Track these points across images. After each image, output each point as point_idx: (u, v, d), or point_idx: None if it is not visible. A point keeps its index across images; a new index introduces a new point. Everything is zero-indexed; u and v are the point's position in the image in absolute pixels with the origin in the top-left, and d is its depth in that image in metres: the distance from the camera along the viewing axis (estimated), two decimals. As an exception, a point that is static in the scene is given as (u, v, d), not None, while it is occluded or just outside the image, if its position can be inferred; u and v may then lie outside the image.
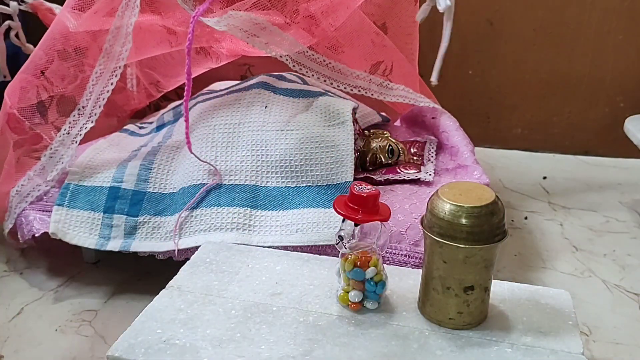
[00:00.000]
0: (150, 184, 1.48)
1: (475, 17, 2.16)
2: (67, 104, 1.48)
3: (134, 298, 1.43)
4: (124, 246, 1.40)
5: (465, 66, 2.23)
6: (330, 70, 1.58)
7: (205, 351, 0.91)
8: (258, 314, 1.00)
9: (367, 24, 1.61)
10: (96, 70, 1.47)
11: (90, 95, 1.47)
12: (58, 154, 1.48)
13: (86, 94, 1.48)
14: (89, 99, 1.47)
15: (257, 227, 1.37)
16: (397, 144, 1.60)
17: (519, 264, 1.58)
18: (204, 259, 1.16)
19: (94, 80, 1.47)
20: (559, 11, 2.12)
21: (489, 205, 0.89)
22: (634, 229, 1.76)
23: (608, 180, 2.08)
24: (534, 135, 2.31)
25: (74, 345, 1.29)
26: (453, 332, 0.95)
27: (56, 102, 1.48)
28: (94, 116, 1.48)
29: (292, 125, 1.47)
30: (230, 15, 1.39)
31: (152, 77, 1.94)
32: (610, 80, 2.17)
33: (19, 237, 1.50)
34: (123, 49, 1.45)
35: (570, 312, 1.00)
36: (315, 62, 1.56)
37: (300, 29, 1.45)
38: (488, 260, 0.92)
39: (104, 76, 1.47)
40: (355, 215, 0.94)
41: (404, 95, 1.69)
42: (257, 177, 1.43)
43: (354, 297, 0.99)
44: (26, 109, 1.47)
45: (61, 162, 1.48)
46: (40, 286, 1.48)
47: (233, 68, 2.21)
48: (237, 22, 1.39)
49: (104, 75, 1.47)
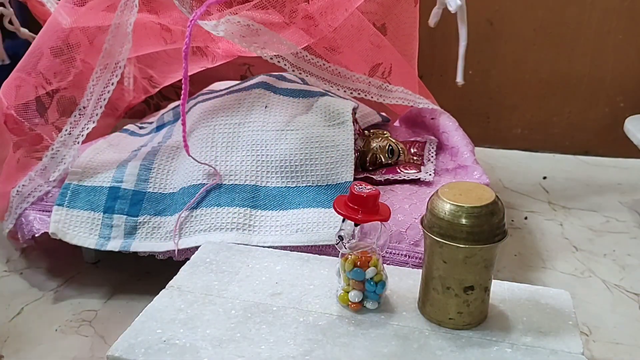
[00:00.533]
0: (150, 184, 1.48)
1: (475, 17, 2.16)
2: (68, 104, 1.48)
3: (134, 298, 1.43)
4: (124, 246, 1.40)
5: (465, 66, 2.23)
6: (329, 74, 1.58)
7: (205, 351, 0.91)
8: (258, 314, 1.00)
9: (366, 25, 1.61)
10: (96, 70, 1.47)
11: (91, 95, 1.47)
12: (60, 155, 1.48)
13: (87, 94, 1.47)
14: (89, 99, 1.47)
15: (257, 227, 1.37)
16: (397, 144, 1.60)
17: (519, 264, 1.58)
18: (204, 259, 1.16)
19: (94, 80, 1.47)
20: (559, 11, 2.12)
21: (489, 205, 0.89)
22: (634, 229, 1.76)
23: (608, 180, 2.08)
24: (534, 135, 2.31)
25: (74, 345, 1.29)
26: (453, 332, 0.95)
27: (56, 102, 1.47)
28: (96, 116, 1.48)
29: (292, 125, 1.47)
30: (228, 20, 1.39)
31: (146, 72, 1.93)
32: (610, 80, 2.17)
33: (19, 238, 1.50)
34: (123, 49, 1.45)
35: (570, 312, 1.00)
36: (315, 66, 1.56)
37: (299, 29, 1.45)
38: (488, 260, 0.92)
39: (105, 76, 1.47)
40: (355, 215, 0.94)
41: (403, 97, 1.69)
42: (257, 177, 1.43)
43: (354, 297, 0.99)
44: (25, 109, 1.47)
45: (63, 163, 1.48)
46: (40, 286, 1.48)
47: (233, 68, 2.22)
48: (234, 27, 1.39)
49: (104, 75, 1.47)
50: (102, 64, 1.46)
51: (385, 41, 1.66)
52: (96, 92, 1.47)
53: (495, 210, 0.90)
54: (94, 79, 1.47)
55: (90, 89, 1.47)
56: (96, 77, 1.47)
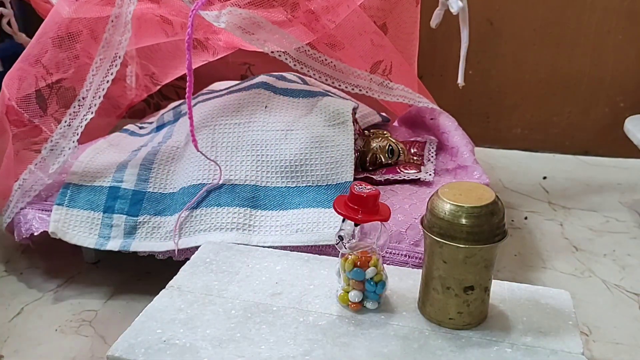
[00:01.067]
0: (150, 183, 1.48)
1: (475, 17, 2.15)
2: (67, 95, 1.47)
3: (134, 298, 1.43)
4: (124, 246, 1.40)
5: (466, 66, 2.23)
6: (331, 69, 1.58)
7: (205, 351, 0.91)
8: (258, 314, 1.00)
9: (367, 23, 1.61)
10: (96, 60, 1.45)
11: (90, 85, 1.46)
12: (59, 147, 1.47)
13: (86, 85, 1.46)
14: (88, 89, 1.45)
15: (257, 227, 1.37)
16: (397, 144, 1.60)
17: (519, 264, 1.58)
18: (204, 259, 1.16)
19: (94, 70, 1.45)
20: (559, 11, 2.12)
21: (489, 205, 0.89)
22: (634, 229, 1.76)
23: (608, 180, 2.08)
24: (534, 135, 2.31)
25: (74, 345, 1.29)
26: (453, 332, 0.95)
27: (56, 93, 1.47)
28: (94, 107, 1.46)
29: (292, 125, 1.47)
30: (230, 11, 1.38)
31: (148, 68, 1.92)
32: (610, 80, 2.17)
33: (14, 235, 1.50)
34: (122, 38, 1.44)
35: (570, 312, 1.00)
36: (317, 61, 1.56)
37: (301, 25, 1.44)
38: (488, 260, 0.92)
39: (104, 66, 1.45)
40: (355, 215, 0.94)
41: (404, 95, 1.69)
42: (257, 177, 1.43)
43: (354, 297, 0.99)
44: (25, 100, 1.45)
45: (63, 155, 1.46)
46: (40, 286, 1.48)
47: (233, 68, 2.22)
48: (236, 19, 1.39)
49: (103, 65, 1.45)
50: (102, 53, 1.45)
51: (387, 40, 1.66)
52: (95, 82, 1.46)
53: (495, 210, 0.90)
54: (94, 69, 1.45)
55: (90, 79, 1.45)
56: (96, 67, 1.45)
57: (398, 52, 1.70)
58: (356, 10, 1.53)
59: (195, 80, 1.40)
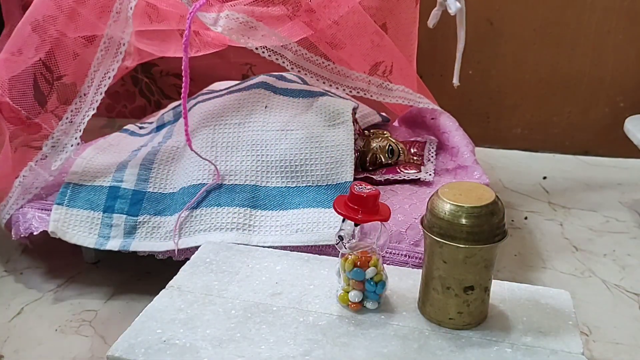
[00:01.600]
0: (150, 183, 1.48)
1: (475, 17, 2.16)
2: (68, 92, 1.46)
3: (134, 298, 1.43)
4: (124, 246, 1.40)
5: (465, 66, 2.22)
6: (329, 72, 1.57)
7: (205, 351, 0.91)
8: (258, 314, 1.00)
9: (367, 22, 1.60)
10: (97, 56, 1.45)
11: (92, 82, 1.45)
12: (61, 143, 1.46)
13: (87, 81, 1.45)
14: (90, 85, 1.45)
15: (257, 227, 1.37)
16: (397, 144, 1.60)
17: (519, 264, 1.58)
18: (204, 259, 1.16)
19: (95, 66, 1.45)
20: (559, 11, 2.12)
21: (489, 205, 0.89)
22: (634, 229, 1.76)
23: (608, 180, 2.08)
24: (534, 135, 2.31)
25: (74, 345, 1.29)
26: (453, 332, 0.95)
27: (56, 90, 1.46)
28: (96, 103, 1.45)
29: (292, 125, 1.47)
30: (227, 15, 1.38)
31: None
32: (610, 80, 2.17)
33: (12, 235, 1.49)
34: (124, 34, 1.44)
35: (570, 312, 1.00)
36: (314, 64, 1.55)
37: (300, 22, 1.44)
38: (488, 260, 0.92)
39: (106, 62, 1.45)
40: (355, 215, 0.94)
41: (404, 96, 1.69)
42: (257, 177, 1.43)
43: (354, 297, 0.99)
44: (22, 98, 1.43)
45: (65, 152, 1.45)
46: (40, 286, 1.48)
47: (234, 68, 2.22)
48: (233, 24, 1.39)
49: (105, 61, 1.45)
50: (104, 49, 1.44)
51: (387, 39, 1.66)
52: (97, 78, 1.45)
53: (495, 210, 0.90)
54: (95, 65, 1.45)
55: (92, 75, 1.45)
56: (97, 62, 1.45)
57: (399, 52, 1.70)
58: (357, 9, 1.53)
59: (196, 80, 1.40)
